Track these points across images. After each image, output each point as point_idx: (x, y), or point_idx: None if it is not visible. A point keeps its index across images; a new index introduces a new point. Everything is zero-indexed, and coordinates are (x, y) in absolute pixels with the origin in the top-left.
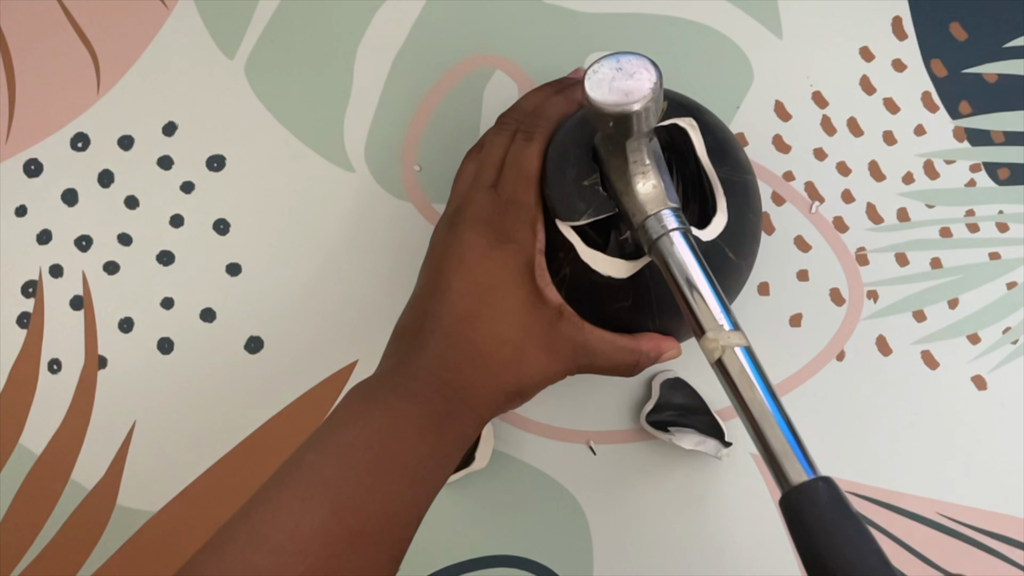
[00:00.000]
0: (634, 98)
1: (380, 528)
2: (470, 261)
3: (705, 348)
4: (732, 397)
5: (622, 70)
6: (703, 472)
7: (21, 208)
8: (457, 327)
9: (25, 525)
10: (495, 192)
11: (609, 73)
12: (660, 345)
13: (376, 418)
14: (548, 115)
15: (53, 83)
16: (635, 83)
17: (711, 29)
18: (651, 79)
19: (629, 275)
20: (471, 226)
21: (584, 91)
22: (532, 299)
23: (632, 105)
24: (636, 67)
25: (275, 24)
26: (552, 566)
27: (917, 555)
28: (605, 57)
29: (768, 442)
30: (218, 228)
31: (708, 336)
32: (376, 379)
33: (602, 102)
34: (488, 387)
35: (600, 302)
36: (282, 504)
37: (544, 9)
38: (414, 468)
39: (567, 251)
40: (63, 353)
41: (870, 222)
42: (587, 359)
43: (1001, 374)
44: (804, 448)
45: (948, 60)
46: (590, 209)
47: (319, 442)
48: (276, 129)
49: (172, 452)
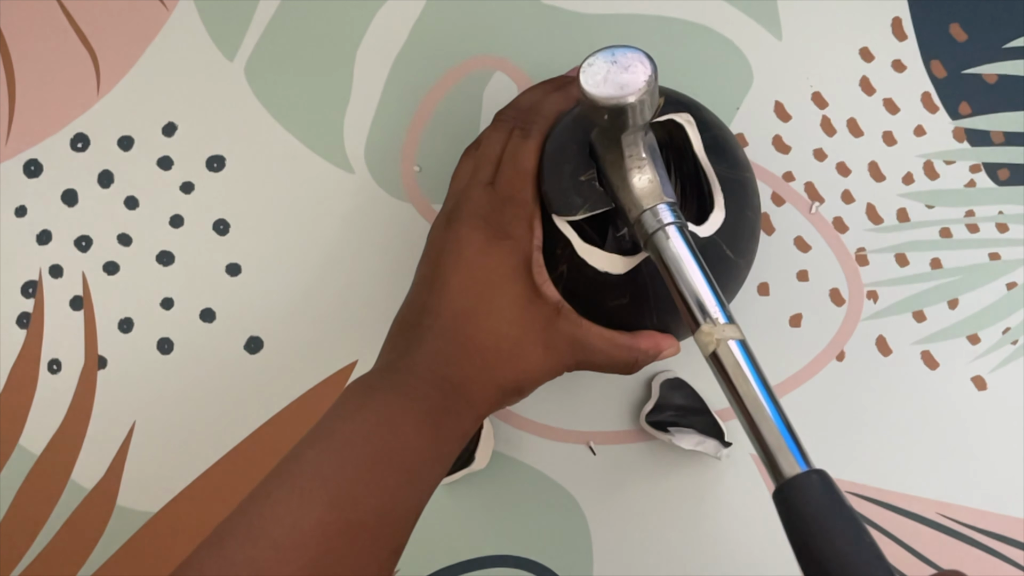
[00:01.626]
0: (629, 91)
1: (379, 522)
2: (468, 257)
3: (699, 341)
4: (726, 390)
5: (617, 63)
6: (703, 472)
7: (21, 208)
8: (455, 322)
9: (25, 525)
10: (492, 188)
11: (604, 67)
12: (659, 343)
13: (374, 413)
14: (545, 112)
15: (53, 83)
16: (630, 76)
17: (711, 30)
18: (646, 72)
19: (626, 271)
20: (468, 222)
21: (579, 84)
22: (530, 295)
23: (627, 98)
24: (631, 60)
25: (275, 25)
26: (552, 566)
27: (917, 555)
28: (600, 51)
29: (762, 435)
30: (218, 228)
31: (703, 329)
32: (374, 374)
33: (597, 95)
34: (486, 382)
35: (598, 299)
36: (280, 499)
37: (544, 10)
38: (412, 463)
39: (564, 247)
40: (63, 353)
41: (870, 222)
42: (585, 356)
43: (1001, 374)
44: (798, 441)
45: (948, 61)
46: (586, 204)
47: (317, 437)
48: (276, 129)
49: (172, 452)
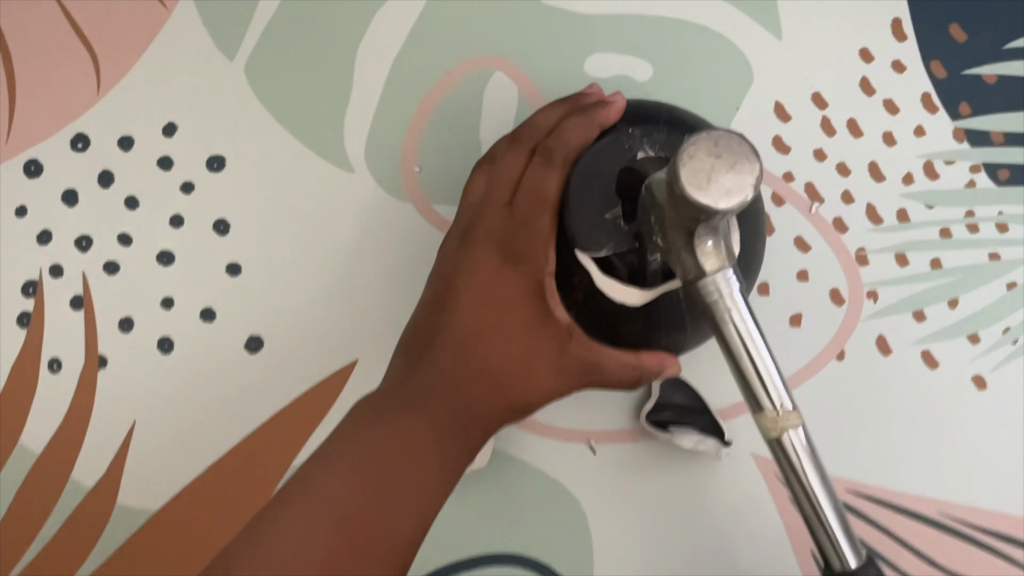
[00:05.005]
0: (735, 200)
1: (386, 544)
2: (481, 278)
3: (762, 425)
4: (788, 475)
5: (721, 158)
6: (703, 472)
7: (21, 208)
8: (466, 343)
9: (25, 525)
10: (509, 211)
11: (707, 161)
12: (663, 362)
13: (383, 433)
14: (567, 140)
15: (53, 83)
16: (736, 178)
17: (711, 30)
18: (753, 174)
19: (643, 304)
20: (483, 244)
21: (677, 179)
22: (541, 319)
23: (731, 204)
24: (736, 155)
25: (275, 25)
26: (552, 564)
27: (918, 554)
28: (700, 138)
29: (825, 523)
30: (218, 228)
31: (767, 415)
32: (382, 393)
33: (700, 202)
34: (495, 403)
35: (611, 326)
36: (288, 521)
37: (544, 9)
38: (420, 483)
39: (582, 276)
40: (63, 353)
41: (870, 223)
42: (594, 377)
43: (1001, 374)
44: (850, 531)
45: (948, 61)
46: (610, 243)
47: (325, 457)
48: (276, 129)
49: (172, 452)
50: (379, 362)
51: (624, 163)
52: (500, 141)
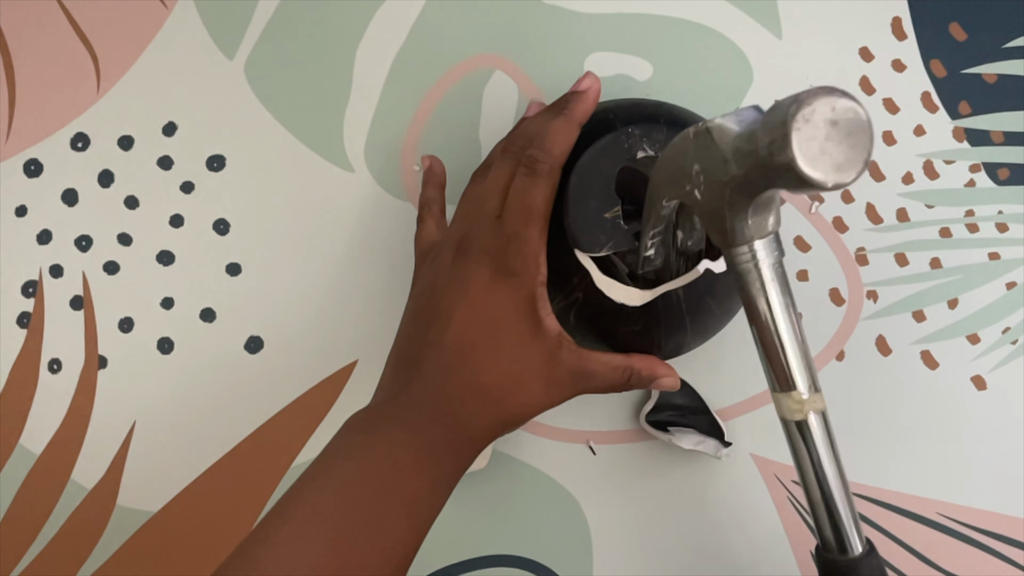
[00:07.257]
0: (847, 177)
1: (378, 562)
2: (472, 293)
3: (785, 406)
4: (805, 457)
5: (839, 126)
6: (703, 472)
7: (21, 208)
8: (458, 358)
9: (25, 525)
10: (498, 223)
11: (823, 128)
12: (654, 367)
13: (375, 451)
14: (548, 147)
15: (53, 83)
16: (850, 152)
17: (711, 29)
18: (866, 147)
19: (643, 303)
20: (474, 257)
21: (789, 145)
22: (532, 330)
23: (843, 178)
24: (853, 126)
25: (275, 24)
26: (552, 566)
27: (917, 555)
28: (818, 96)
29: (835, 509)
30: (218, 228)
31: (794, 396)
32: (374, 410)
33: (808, 175)
34: (487, 417)
35: (610, 326)
36: (280, 540)
37: (544, 9)
38: (412, 501)
39: (581, 276)
40: (63, 353)
41: (870, 222)
42: (585, 383)
43: (1001, 374)
44: (858, 519)
45: (948, 60)
46: (610, 243)
47: (317, 476)
48: (276, 129)
49: (172, 452)
50: (379, 362)
51: (624, 163)
52: (496, 147)
